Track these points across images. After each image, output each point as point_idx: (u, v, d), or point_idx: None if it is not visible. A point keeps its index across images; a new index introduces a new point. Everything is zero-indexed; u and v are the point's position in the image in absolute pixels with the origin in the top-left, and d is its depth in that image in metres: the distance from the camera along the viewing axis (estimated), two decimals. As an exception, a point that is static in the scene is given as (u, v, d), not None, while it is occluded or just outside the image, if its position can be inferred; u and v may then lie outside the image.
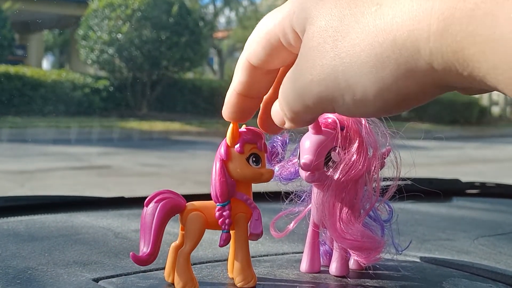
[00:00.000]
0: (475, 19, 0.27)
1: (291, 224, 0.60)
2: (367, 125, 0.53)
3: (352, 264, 0.58)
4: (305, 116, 0.38)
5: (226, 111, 0.45)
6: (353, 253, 0.53)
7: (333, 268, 0.56)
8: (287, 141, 0.58)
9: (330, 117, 0.53)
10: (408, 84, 0.31)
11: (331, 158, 0.52)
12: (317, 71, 0.34)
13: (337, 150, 0.52)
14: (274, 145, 0.57)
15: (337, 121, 0.52)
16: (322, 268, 0.58)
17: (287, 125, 0.40)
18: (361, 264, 0.58)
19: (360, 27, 0.32)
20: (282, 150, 0.58)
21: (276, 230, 0.61)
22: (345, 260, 0.56)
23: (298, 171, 0.54)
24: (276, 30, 0.38)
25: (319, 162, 0.51)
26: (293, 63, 0.37)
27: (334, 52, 0.33)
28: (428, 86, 0.32)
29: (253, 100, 0.44)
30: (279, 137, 0.57)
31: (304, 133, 0.54)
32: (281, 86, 0.39)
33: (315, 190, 0.55)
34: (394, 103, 0.33)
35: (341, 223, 0.52)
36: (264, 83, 0.43)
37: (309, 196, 0.58)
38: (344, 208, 0.52)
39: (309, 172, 0.52)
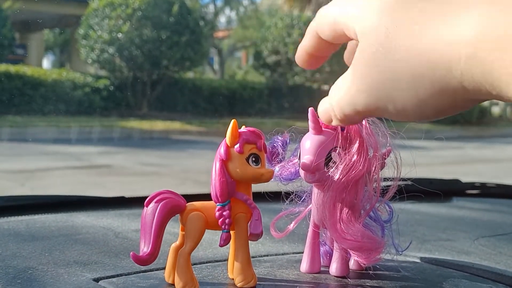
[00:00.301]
0: (503, 44, 0.30)
1: (291, 224, 0.60)
2: (367, 125, 0.53)
3: (352, 264, 0.58)
4: (355, 118, 0.42)
5: (298, 61, 0.48)
6: (353, 253, 0.53)
7: (333, 268, 0.56)
8: (288, 141, 0.58)
9: None
10: (442, 100, 0.35)
11: (331, 158, 0.52)
12: (365, 81, 0.38)
13: (337, 151, 0.52)
14: (274, 145, 0.57)
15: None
16: (322, 269, 0.58)
17: (335, 123, 0.43)
18: (361, 264, 0.58)
19: (402, 46, 0.35)
20: (283, 150, 0.58)
21: (276, 230, 0.61)
22: (345, 260, 0.56)
23: (299, 171, 0.54)
24: (341, 24, 0.41)
25: (320, 163, 0.51)
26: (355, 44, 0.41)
27: (380, 67, 0.36)
28: (461, 101, 0.35)
29: (320, 57, 0.48)
30: (280, 138, 0.57)
31: (304, 133, 0.54)
32: (333, 88, 0.42)
33: (315, 191, 0.55)
34: (431, 114, 0.37)
35: (342, 223, 0.52)
36: (329, 49, 0.46)
37: (309, 196, 0.58)
38: (345, 209, 0.52)
39: (309, 173, 0.52)
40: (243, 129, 0.52)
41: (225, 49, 15.88)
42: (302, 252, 0.58)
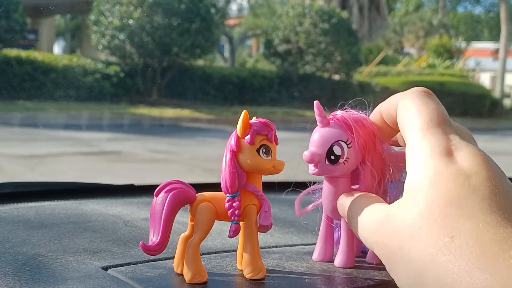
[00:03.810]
0: None
1: (309, 206, 0.59)
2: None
3: (371, 258, 0.58)
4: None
5: None
6: None
7: (338, 260, 0.56)
8: None
9: (338, 113, 0.52)
10: None
11: (333, 151, 0.51)
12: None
13: (340, 144, 0.51)
14: None
15: (344, 117, 0.52)
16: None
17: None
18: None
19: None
20: None
21: (300, 208, 0.60)
22: (351, 253, 0.56)
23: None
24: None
25: (321, 155, 0.51)
26: None
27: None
28: None
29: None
30: None
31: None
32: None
33: (325, 182, 0.54)
34: None
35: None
36: (391, 131, 0.50)
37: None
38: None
39: (312, 165, 0.52)
40: (254, 120, 0.51)
41: (235, 37, 15.84)
42: (311, 244, 0.58)
